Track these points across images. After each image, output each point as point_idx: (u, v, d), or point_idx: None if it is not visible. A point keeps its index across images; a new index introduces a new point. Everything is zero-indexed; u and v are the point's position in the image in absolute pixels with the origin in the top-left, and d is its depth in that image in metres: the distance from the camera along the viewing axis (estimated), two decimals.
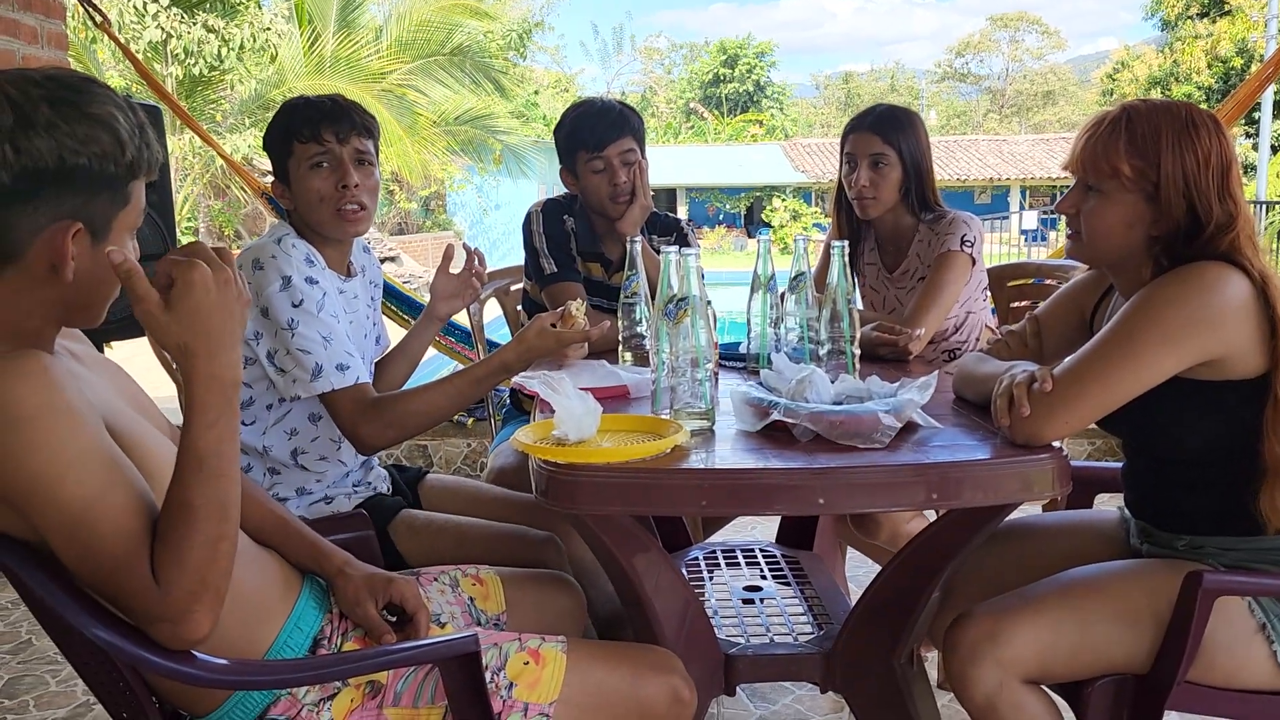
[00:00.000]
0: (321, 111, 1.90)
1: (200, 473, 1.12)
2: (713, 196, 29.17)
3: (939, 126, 46.52)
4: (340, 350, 1.82)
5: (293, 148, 1.90)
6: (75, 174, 1.13)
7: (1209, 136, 1.50)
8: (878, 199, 2.46)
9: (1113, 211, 1.55)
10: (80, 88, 1.15)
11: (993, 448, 1.47)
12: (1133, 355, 1.44)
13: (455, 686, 1.31)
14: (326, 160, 1.89)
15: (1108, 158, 1.53)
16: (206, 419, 1.13)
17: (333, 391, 1.81)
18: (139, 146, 1.17)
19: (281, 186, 1.95)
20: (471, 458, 4.40)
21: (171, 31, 12.46)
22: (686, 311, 1.55)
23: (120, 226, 1.19)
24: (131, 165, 1.17)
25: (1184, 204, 1.50)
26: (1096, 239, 1.59)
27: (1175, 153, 1.50)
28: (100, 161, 1.14)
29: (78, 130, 1.12)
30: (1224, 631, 1.46)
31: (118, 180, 1.16)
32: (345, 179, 1.89)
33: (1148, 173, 1.51)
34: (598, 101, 2.55)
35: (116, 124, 1.15)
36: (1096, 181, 1.56)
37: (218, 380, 1.13)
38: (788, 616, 2.02)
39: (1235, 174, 1.51)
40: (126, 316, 3.34)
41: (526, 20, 24.08)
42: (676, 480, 1.41)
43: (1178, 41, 24.30)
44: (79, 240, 1.15)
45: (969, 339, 2.57)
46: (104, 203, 1.16)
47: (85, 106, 1.13)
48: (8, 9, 3.48)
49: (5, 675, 2.74)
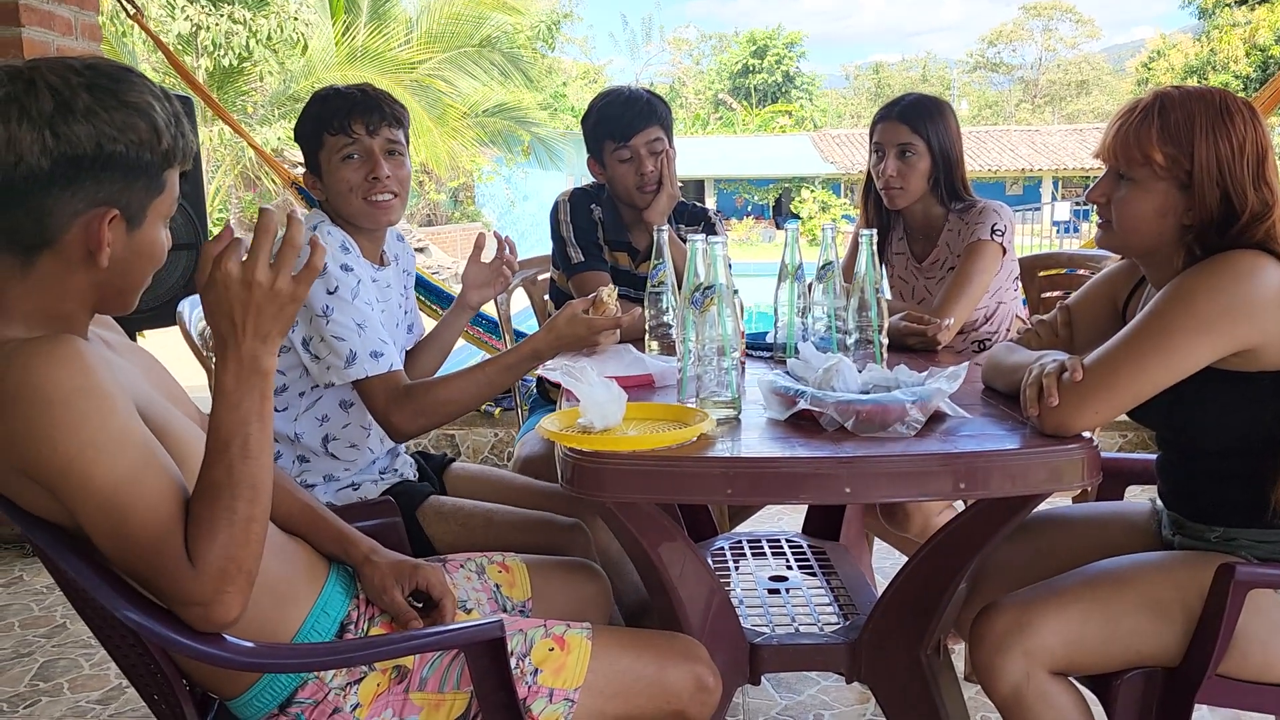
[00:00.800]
0: (351, 102, 1.91)
1: (226, 452, 1.14)
2: (741, 188, 29.07)
3: (971, 117, 46.10)
4: (374, 337, 1.83)
5: (323, 139, 1.91)
6: (113, 161, 1.14)
7: (1244, 124, 1.48)
8: (905, 189, 2.44)
9: (1145, 200, 1.53)
10: (119, 76, 1.16)
11: (1021, 438, 1.45)
12: (1165, 344, 1.42)
13: (480, 672, 1.32)
14: (357, 151, 1.90)
15: (1140, 145, 1.51)
16: (229, 400, 1.15)
17: (366, 378, 1.82)
18: (175, 135, 1.19)
19: (313, 177, 1.96)
20: (499, 447, 4.41)
21: (200, 24, 12.58)
22: (713, 300, 1.54)
23: (155, 214, 1.20)
24: (167, 154, 1.18)
25: (1218, 193, 1.47)
26: (1128, 228, 1.56)
27: (1209, 140, 1.47)
28: (137, 149, 1.15)
29: (116, 118, 1.13)
30: (1256, 624, 1.44)
31: (154, 168, 1.18)
32: (376, 170, 1.90)
33: (1181, 160, 1.49)
34: (625, 90, 2.55)
35: (154, 112, 1.16)
36: (1128, 170, 1.54)
37: (242, 365, 1.15)
38: (813, 607, 2.01)
39: (1271, 162, 1.48)
40: (159, 305, 3.36)
41: (555, 12, 24.11)
42: (702, 468, 1.40)
43: (1215, 30, 23.92)
44: (115, 227, 1.16)
45: (999, 329, 2.55)
46: (140, 190, 1.17)
47: (124, 95, 1.15)
48: (42, 1, 3.52)
49: (41, 658, 2.79)
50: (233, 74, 13.35)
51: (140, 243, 1.20)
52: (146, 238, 1.20)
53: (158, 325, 3.37)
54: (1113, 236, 1.60)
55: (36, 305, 1.17)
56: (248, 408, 1.15)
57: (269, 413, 1.18)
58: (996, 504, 1.56)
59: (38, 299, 1.17)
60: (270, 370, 1.17)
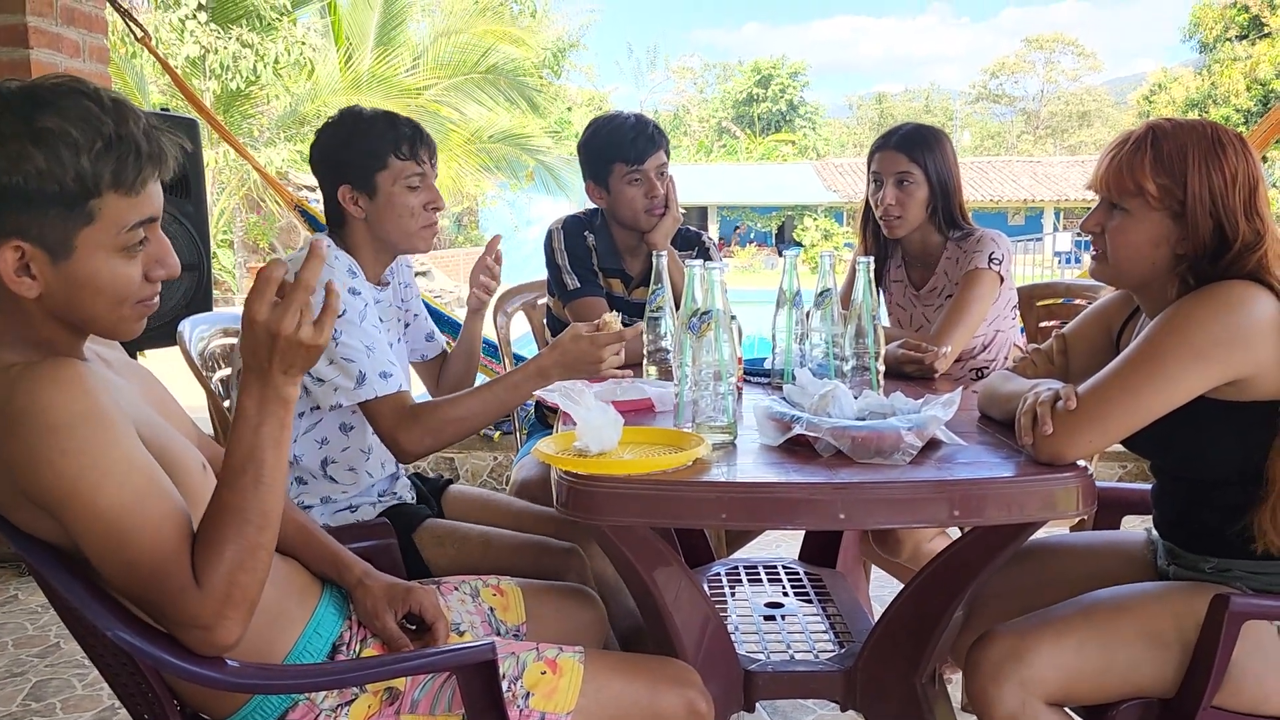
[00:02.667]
0: (418, 133, 1.96)
1: (242, 477, 1.14)
2: (744, 215, 29.18)
3: (973, 147, 46.34)
4: (383, 358, 1.84)
5: (388, 161, 1.92)
6: (9, 193, 1.10)
7: (1235, 155, 1.49)
8: (904, 218, 2.46)
9: (1138, 230, 1.54)
10: (45, 99, 1.11)
11: (1016, 466, 1.45)
12: (1159, 373, 1.43)
13: (472, 694, 1.31)
14: (422, 181, 1.94)
15: (1133, 176, 1.52)
16: (249, 423, 1.16)
17: (375, 399, 1.83)
18: (94, 163, 1.11)
19: (357, 194, 1.94)
20: (497, 471, 4.41)
21: (208, 47, 12.68)
22: (710, 325, 1.55)
23: (89, 244, 1.14)
24: (84, 181, 1.11)
25: (1211, 223, 1.48)
26: (1121, 258, 1.57)
27: (1202, 170, 1.48)
28: (36, 180, 1.10)
29: (10, 149, 1.09)
30: (1251, 656, 1.44)
31: (66, 198, 1.11)
32: (437, 202, 1.97)
33: (1174, 190, 1.50)
34: (628, 115, 2.58)
35: (63, 140, 1.10)
36: (1121, 199, 1.55)
37: (265, 391, 1.16)
38: (809, 634, 2.00)
39: (1262, 193, 1.50)
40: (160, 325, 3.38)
41: (561, 40, 24.29)
42: (697, 493, 1.40)
43: (1216, 64, 24.07)
44: (36, 260, 1.13)
45: (997, 357, 2.56)
46: (55, 221, 1.11)
47: (35, 121, 1.10)
48: (51, 23, 3.55)
49: (34, 678, 2.77)
50: (239, 97, 13.44)
51: (73, 274, 1.14)
52: (82, 269, 1.14)
53: (158, 345, 3.38)
54: (1106, 268, 1.61)
55: (16, 333, 1.17)
56: (266, 433, 1.16)
57: (286, 442, 1.18)
58: (992, 532, 1.55)
59: (13, 327, 1.17)
60: (292, 400, 1.18)
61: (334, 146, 1.96)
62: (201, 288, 3.60)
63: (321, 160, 1.98)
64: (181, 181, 3.58)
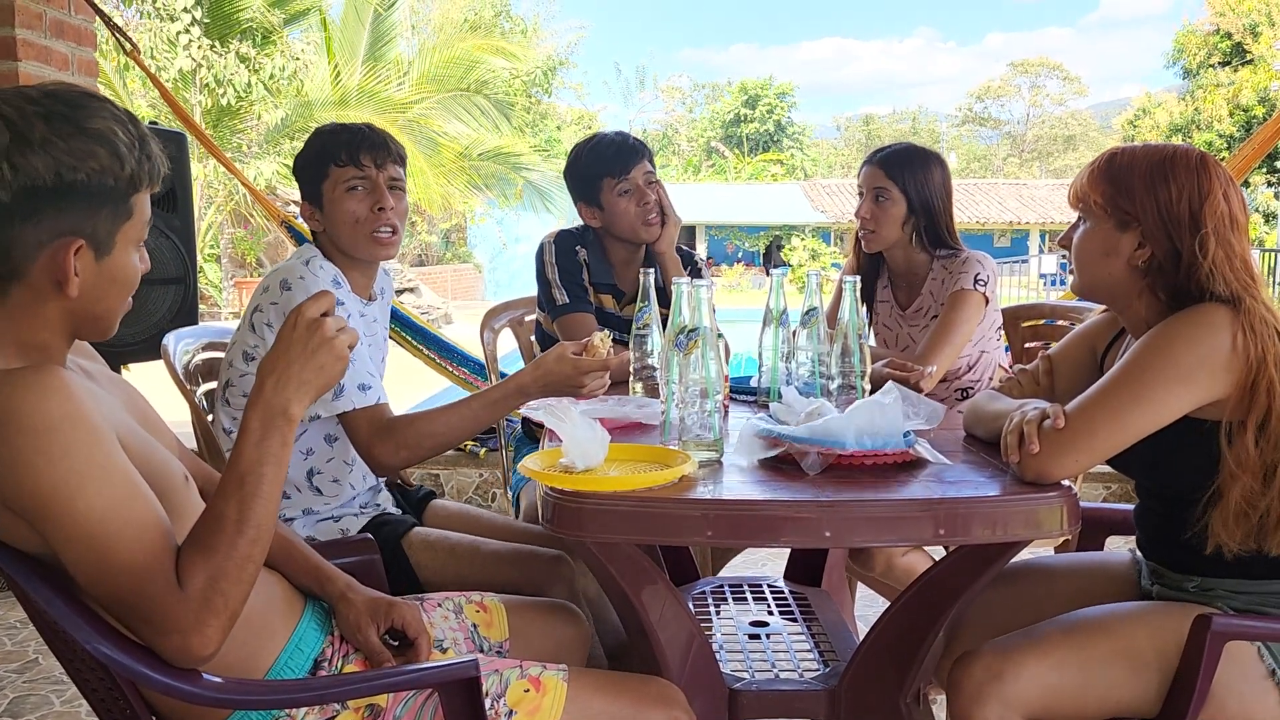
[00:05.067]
0: (360, 137, 1.94)
1: (241, 489, 1.15)
2: (732, 234, 29.25)
3: (959, 170, 46.62)
4: (362, 370, 1.84)
5: (328, 170, 1.93)
6: (74, 190, 1.13)
7: (1185, 170, 1.52)
8: (877, 233, 2.50)
9: (1091, 238, 1.60)
10: (78, 103, 1.15)
11: (1002, 485, 1.46)
12: (1144, 394, 1.44)
13: (454, 712, 1.30)
14: (363, 184, 1.93)
15: (1084, 187, 1.59)
16: (252, 438, 1.17)
17: (353, 411, 1.82)
18: (139, 159, 1.17)
19: (311, 208, 1.97)
20: (483, 488, 4.39)
21: (201, 61, 12.67)
22: (697, 342, 1.55)
23: (124, 240, 1.20)
24: (132, 178, 1.17)
25: (1164, 234, 1.52)
26: (1079, 267, 1.63)
27: (1147, 181, 1.53)
28: (99, 176, 1.14)
29: (74, 146, 1.12)
30: (1233, 677, 1.44)
31: (118, 194, 1.17)
32: (381, 202, 1.93)
33: (1118, 200, 1.55)
34: (608, 133, 2.62)
35: (115, 138, 1.15)
36: (1082, 212, 1.62)
37: (272, 407, 1.18)
38: (794, 653, 2.00)
39: (1211, 207, 1.50)
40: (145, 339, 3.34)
41: (552, 58, 24.38)
42: (683, 510, 1.40)
43: (1199, 89, 24.31)
44: (82, 256, 1.16)
45: (982, 378, 2.56)
46: (106, 217, 1.17)
47: (82, 122, 1.14)
48: (40, 36, 3.55)
49: (11, 694, 2.74)
50: (228, 112, 13.43)
51: (110, 270, 1.19)
52: (117, 264, 1.19)
53: (143, 359, 3.36)
54: (1074, 279, 1.66)
55: (13, 337, 1.17)
56: (269, 449, 1.17)
57: (286, 459, 1.20)
58: (976, 551, 1.56)
59: (14, 330, 1.17)
60: (296, 419, 1.20)
61: (297, 164, 2.00)
62: (187, 302, 3.59)
63: (296, 179, 2.01)
64: (169, 195, 3.57)
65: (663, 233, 2.54)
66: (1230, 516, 1.47)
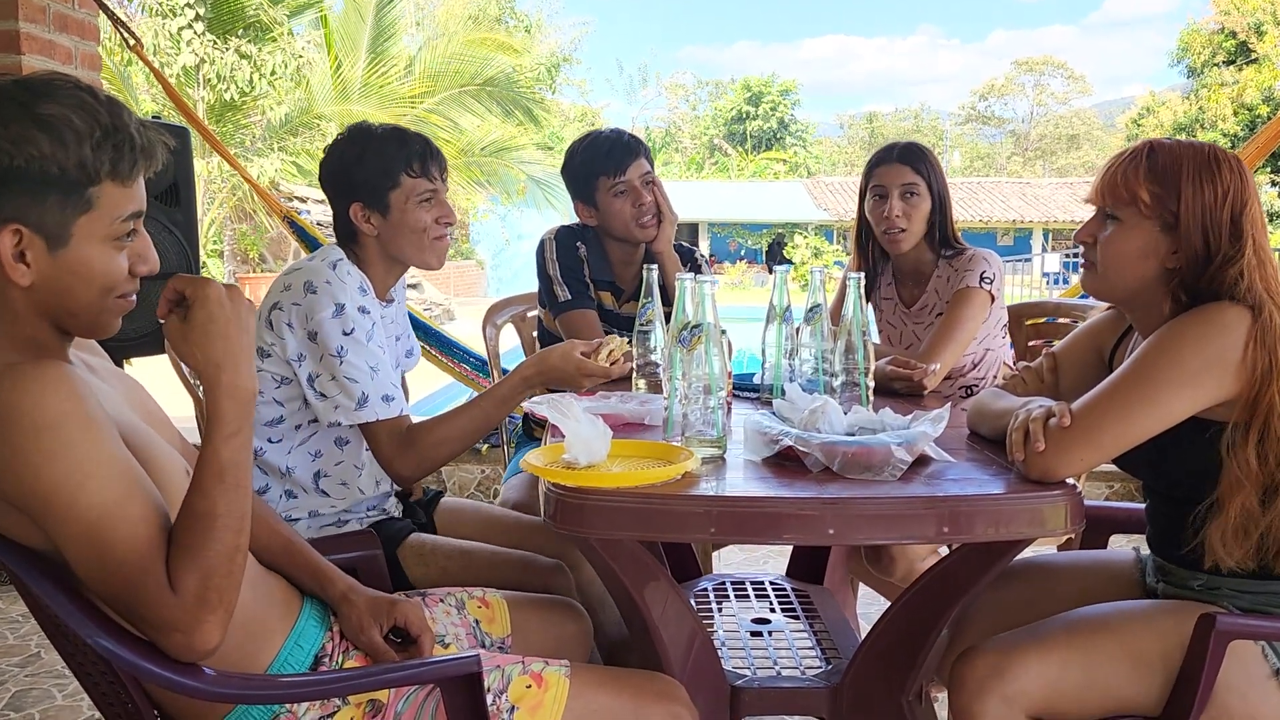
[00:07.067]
0: (429, 149, 1.95)
1: (222, 483, 1.14)
2: (735, 232, 29.26)
3: (963, 168, 46.58)
4: (386, 381, 1.83)
5: (400, 180, 1.91)
6: (9, 176, 1.10)
7: (1230, 172, 1.50)
8: (909, 230, 2.45)
9: (1129, 239, 1.55)
10: (43, 91, 1.12)
11: (1006, 483, 1.45)
12: (1151, 393, 1.43)
13: (456, 708, 1.30)
14: (434, 196, 1.94)
15: (1127, 184, 1.53)
16: (228, 429, 1.16)
17: (376, 422, 1.82)
18: (95, 150, 1.12)
19: (368, 212, 1.92)
20: (485, 484, 4.39)
21: (205, 57, 12.67)
22: (700, 339, 1.55)
23: (85, 233, 1.15)
24: (84, 168, 1.12)
25: (1200, 237, 1.49)
26: (1111, 267, 1.58)
27: (1195, 182, 1.49)
28: (38, 163, 1.10)
29: (14, 132, 1.10)
30: (1237, 676, 1.43)
31: (66, 184, 1.12)
32: (449, 216, 1.97)
33: (1166, 200, 1.51)
34: (605, 130, 2.61)
35: (65, 126, 1.11)
36: (1115, 208, 1.56)
37: (240, 391, 1.17)
38: (795, 650, 2.00)
39: (1252, 212, 1.50)
40: (147, 333, 3.34)
41: (556, 54, 24.36)
42: (686, 507, 1.40)
43: (1203, 89, 24.25)
44: (31, 245, 1.13)
45: (987, 376, 2.56)
46: (54, 207, 1.12)
47: (35, 108, 1.11)
48: (43, 30, 3.54)
49: (13, 688, 2.74)
50: (231, 107, 13.43)
51: (69, 263, 1.15)
52: (76, 258, 1.15)
53: (145, 353, 3.36)
54: (1096, 278, 1.61)
55: (2, 332, 1.16)
56: (241, 439, 1.17)
57: (251, 442, 1.20)
58: (980, 549, 1.55)
59: (1, 326, 1.16)
60: (255, 391, 1.19)
61: (345, 165, 1.93)
62: None
63: (332, 178, 1.95)
64: (171, 190, 3.57)
65: (659, 232, 2.52)
66: (1229, 532, 1.46)
